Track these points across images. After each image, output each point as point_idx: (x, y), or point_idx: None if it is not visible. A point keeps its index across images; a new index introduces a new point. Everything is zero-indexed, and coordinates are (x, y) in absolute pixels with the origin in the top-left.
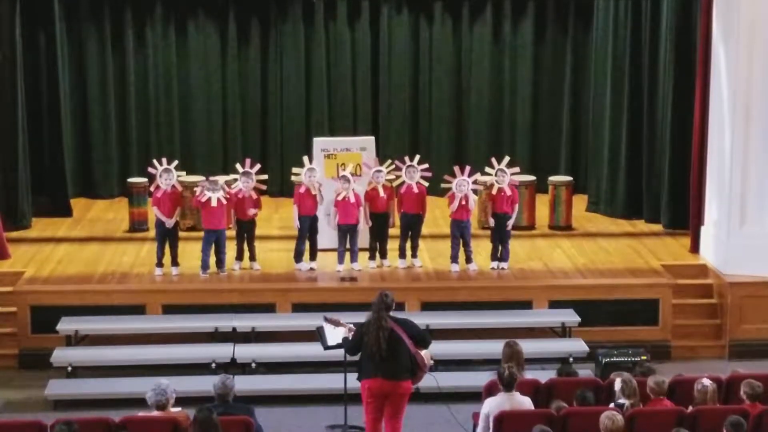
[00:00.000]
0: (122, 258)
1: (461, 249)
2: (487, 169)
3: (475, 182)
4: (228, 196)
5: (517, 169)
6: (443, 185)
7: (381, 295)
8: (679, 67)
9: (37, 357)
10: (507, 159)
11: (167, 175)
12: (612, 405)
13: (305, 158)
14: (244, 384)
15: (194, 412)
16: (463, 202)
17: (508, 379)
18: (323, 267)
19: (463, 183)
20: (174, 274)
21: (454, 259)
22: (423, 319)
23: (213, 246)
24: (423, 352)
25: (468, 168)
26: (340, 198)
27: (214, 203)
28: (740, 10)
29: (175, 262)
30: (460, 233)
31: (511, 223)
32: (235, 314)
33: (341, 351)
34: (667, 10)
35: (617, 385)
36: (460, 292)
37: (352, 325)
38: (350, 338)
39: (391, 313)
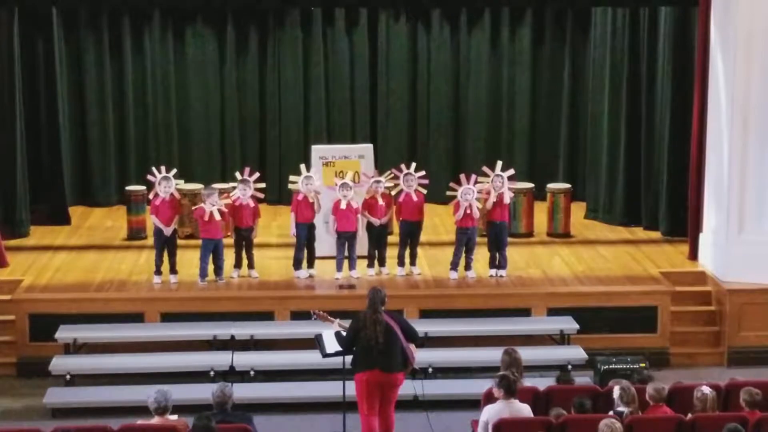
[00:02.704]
0: (120, 266)
1: (462, 256)
2: (480, 179)
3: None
4: (225, 209)
5: (511, 171)
6: (449, 193)
7: (374, 290)
8: (677, 75)
9: (36, 365)
10: (500, 164)
11: (166, 183)
12: (611, 413)
13: (302, 166)
14: (242, 392)
15: (193, 420)
16: (468, 211)
17: (507, 385)
18: (322, 274)
19: (468, 191)
20: (172, 282)
21: (455, 266)
22: (421, 327)
23: (211, 254)
24: (411, 346)
25: (474, 177)
26: (341, 206)
27: (217, 216)
28: (738, 19)
29: (173, 270)
30: (465, 240)
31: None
32: (233, 322)
33: (340, 358)
34: (665, 19)
35: (616, 392)
36: (458, 299)
37: (339, 322)
38: (344, 334)
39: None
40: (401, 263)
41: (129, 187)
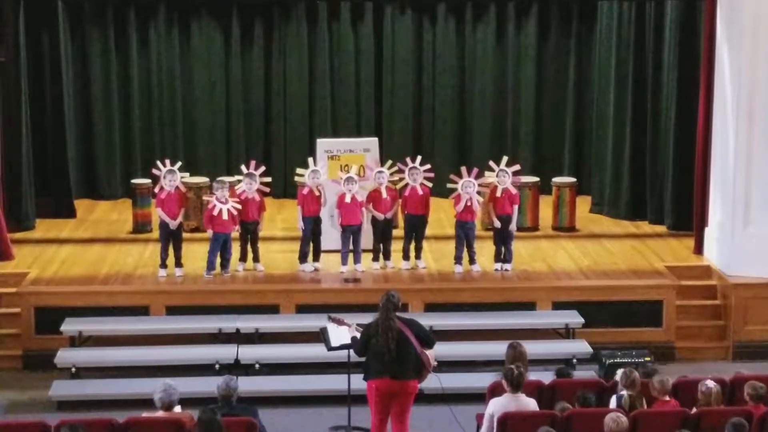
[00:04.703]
0: (126, 259)
1: (465, 250)
2: (487, 173)
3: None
4: (238, 205)
5: (517, 167)
6: (449, 185)
7: (388, 295)
8: (682, 69)
9: (41, 358)
10: (506, 159)
11: (171, 177)
12: (613, 397)
13: (310, 159)
14: (247, 385)
15: (198, 414)
16: (469, 204)
17: (515, 379)
18: (327, 268)
19: (469, 184)
20: (177, 275)
21: (458, 260)
22: (427, 320)
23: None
24: (428, 352)
25: (475, 170)
26: (346, 200)
27: (225, 216)
28: (744, 12)
29: (178, 264)
30: (464, 234)
31: (513, 225)
32: (238, 315)
33: (345, 352)
34: (671, 12)
35: (618, 376)
36: (463, 293)
37: (356, 325)
38: (358, 338)
39: (397, 314)
40: (406, 257)
41: (134, 181)
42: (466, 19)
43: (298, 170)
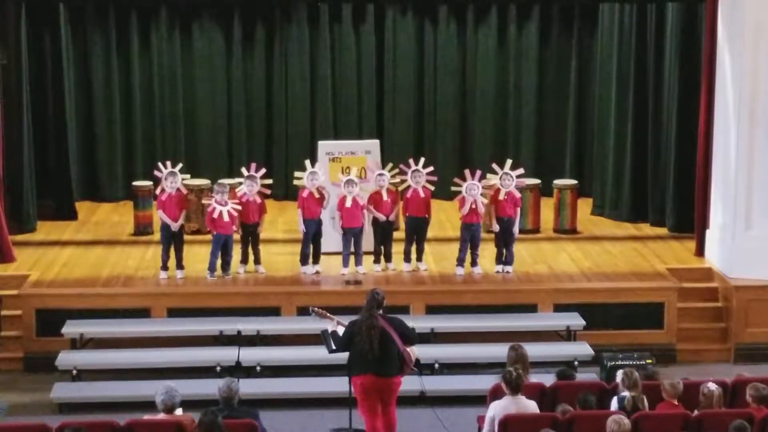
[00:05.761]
0: (127, 261)
1: (468, 252)
2: (489, 175)
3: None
4: (234, 212)
5: (521, 170)
6: (453, 188)
7: (372, 293)
8: (684, 70)
9: (43, 360)
10: (510, 162)
11: (172, 179)
12: (614, 398)
13: (307, 162)
14: (248, 387)
15: (199, 416)
16: (473, 206)
17: (514, 381)
18: (328, 270)
19: (473, 186)
20: (179, 278)
21: (461, 262)
22: (428, 323)
23: (221, 249)
24: (409, 349)
25: (478, 172)
26: (347, 202)
27: (226, 218)
28: (745, 13)
29: (180, 266)
30: (470, 236)
31: (516, 228)
32: (240, 317)
33: (346, 354)
34: (672, 14)
35: (619, 377)
36: (465, 295)
37: (339, 319)
38: (340, 334)
39: (381, 312)
40: (407, 259)
41: (136, 183)
42: (468, 21)
43: (297, 173)
